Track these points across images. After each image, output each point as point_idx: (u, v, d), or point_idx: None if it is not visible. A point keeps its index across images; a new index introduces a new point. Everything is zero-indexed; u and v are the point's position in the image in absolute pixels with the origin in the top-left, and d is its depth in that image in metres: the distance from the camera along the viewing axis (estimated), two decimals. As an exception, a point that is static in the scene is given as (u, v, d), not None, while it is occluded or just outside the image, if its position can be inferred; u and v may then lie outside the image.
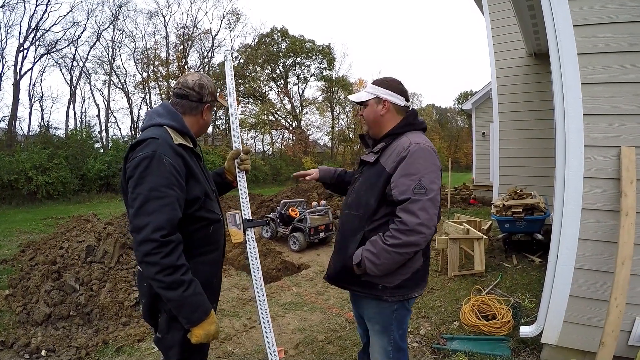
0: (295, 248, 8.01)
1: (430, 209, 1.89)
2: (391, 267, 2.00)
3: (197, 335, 1.79)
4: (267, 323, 2.24)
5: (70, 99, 24.43)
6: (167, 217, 1.71)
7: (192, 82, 2.04)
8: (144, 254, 1.67)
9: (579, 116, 2.87)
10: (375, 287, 2.11)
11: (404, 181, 1.94)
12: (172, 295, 1.70)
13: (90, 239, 5.51)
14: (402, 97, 2.19)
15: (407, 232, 1.89)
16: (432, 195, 1.91)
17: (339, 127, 36.90)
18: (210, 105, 2.13)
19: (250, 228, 2.29)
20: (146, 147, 1.79)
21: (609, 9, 2.79)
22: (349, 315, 4.56)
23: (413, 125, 2.16)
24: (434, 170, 1.96)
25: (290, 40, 31.68)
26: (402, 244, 1.90)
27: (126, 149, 1.90)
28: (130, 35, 26.75)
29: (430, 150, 2.02)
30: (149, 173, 1.73)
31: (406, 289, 2.11)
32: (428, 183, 1.92)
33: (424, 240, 1.91)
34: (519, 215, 5.95)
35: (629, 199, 2.73)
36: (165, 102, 2.07)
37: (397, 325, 2.19)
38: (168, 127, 1.93)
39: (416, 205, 1.89)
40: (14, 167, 15.11)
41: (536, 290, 4.80)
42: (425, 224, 1.88)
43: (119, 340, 3.93)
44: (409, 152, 1.98)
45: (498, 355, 3.41)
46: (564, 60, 2.89)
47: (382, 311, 2.17)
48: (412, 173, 1.94)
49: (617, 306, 2.72)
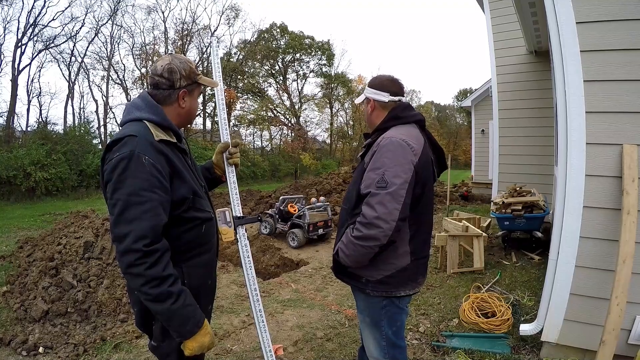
0: (294, 244, 8.00)
1: (388, 202, 1.86)
2: (360, 260, 2.01)
3: (190, 348, 1.71)
4: (262, 323, 2.20)
5: (68, 94, 24.30)
6: (149, 224, 1.57)
7: (160, 68, 1.83)
8: (127, 265, 1.55)
9: (581, 114, 2.85)
10: (359, 280, 2.13)
11: (369, 175, 1.96)
12: (159, 308, 1.60)
13: (88, 235, 5.48)
14: (385, 93, 2.18)
15: (366, 225, 1.90)
16: (392, 189, 1.87)
17: (337, 124, 36.93)
18: (187, 90, 1.90)
19: (242, 225, 2.22)
20: (123, 146, 1.63)
21: (612, 6, 2.76)
22: (348, 312, 4.55)
23: (399, 119, 2.14)
24: (400, 164, 1.92)
25: (289, 37, 31.57)
26: (363, 236, 1.91)
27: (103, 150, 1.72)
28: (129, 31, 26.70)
29: (402, 143, 1.96)
30: (127, 176, 1.58)
31: (389, 285, 2.09)
32: (390, 177, 1.89)
33: (383, 235, 1.87)
34: (519, 213, 5.94)
35: (630, 197, 2.72)
36: (144, 93, 1.88)
37: (388, 322, 2.17)
38: (148, 121, 1.77)
39: (375, 199, 1.88)
40: (12, 163, 15.06)
41: (536, 288, 4.80)
42: (383, 218, 1.86)
43: (116, 337, 3.91)
44: (378, 146, 1.99)
45: (498, 352, 3.40)
46: (567, 58, 2.87)
47: (370, 305, 2.18)
48: (378, 167, 1.94)
49: (618, 304, 2.71)
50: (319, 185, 12.33)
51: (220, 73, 2.29)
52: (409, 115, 2.16)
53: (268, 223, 8.83)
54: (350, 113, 37.29)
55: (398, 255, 2.06)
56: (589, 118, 2.85)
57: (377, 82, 2.23)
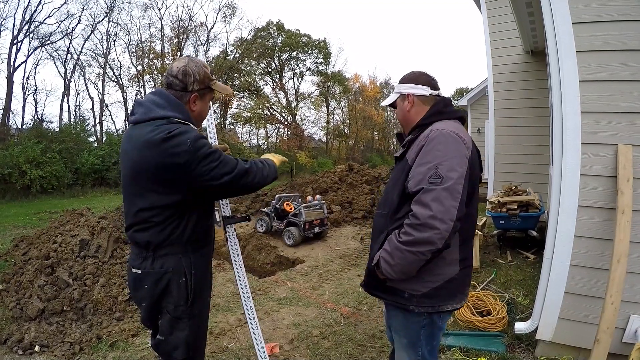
0: (289, 243, 8.00)
1: (446, 200, 1.65)
2: (408, 270, 1.77)
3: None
4: (254, 320, 2.23)
5: (64, 92, 24.21)
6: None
7: (176, 69, 1.88)
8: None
9: (576, 114, 2.87)
10: (401, 295, 1.89)
11: (419, 170, 1.75)
12: None
13: (84, 233, 5.47)
14: (426, 87, 2.01)
15: (418, 227, 1.67)
16: (449, 184, 1.66)
17: (334, 122, 36.88)
18: (198, 94, 1.94)
19: (231, 225, 2.27)
20: (186, 132, 1.75)
21: (608, 7, 2.77)
22: (343, 310, 4.56)
23: (442, 114, 1.96)
24: (455, 157, 1.72)
25: (286, 35, 31.50)
26: (414, 240, 1.68)
27: (156, 138, 1.74)
28: (125, 28, 26.57)
29: (453, 135, 1.78)
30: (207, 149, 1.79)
31: (436, 299, 1.85)
32: (445, 171, 1.68)
33: (439, 238, 1.65)
34: (514, 212, 5.97)
35: (625, 197, 2.74)
36: (160, 89, 1.92)
37: (426, 341, 1.97)
38: (174, 119, 1.81)
39: (429, 196, 1.67)
40: (8, 161, 14.95)
41: (530, 287, 4.82)
42: (439, 218, 1.64)
43: (113, 336, 3.91)
44: (427, 139, 1.80)
45: (493, 351, 3.41)
46: (563, 58, 2.88)
47: (409, 324, 1.96)
48: (429, 161, 1.73)
49: (613, 303, 2.73)
50: (315, 184, 12.31)
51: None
52: (452, 111, 2.00)
53: (264, 221, 8.82)
54: (346, 111, 37.28)
55: (446, 264, 1.85)
56: (584, 118, 2.87)
57: (413, 76, 2.07)
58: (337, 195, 11.32)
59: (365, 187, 11.64)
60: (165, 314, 1.89)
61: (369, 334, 3.99)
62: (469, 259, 1.96)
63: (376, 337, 3.93)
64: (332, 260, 6.93)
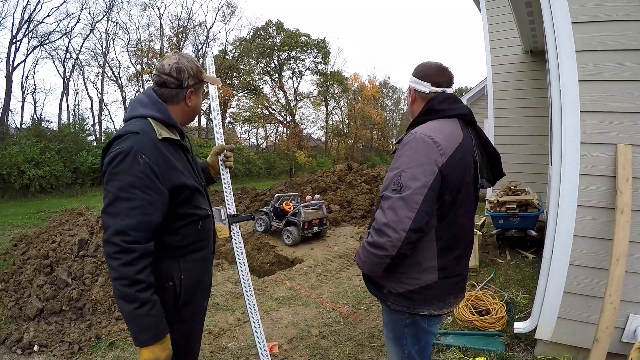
0: (289, 242, 7.99)
1: (400, 209, 1.62)
2: (373, 268, 1.79)
3: (144, 356, 1.62)
4: (256, 318, 2.22)
5: (63, 91, 24.12)
6: (133, 221, 1.57)
7: (168, 67, 1.81)
8: (105, 254, 1.57)
9: (576, 113, 2.86)
10: (381, 289, 1.91)
11: (388, 175, 1.74)
12: (123, 307, 1.57)
13: (83, 233, 5.47)
14: (427, 83, 1.89)
15: (376, 231, 1.69)
16: (406, 193, 1.62)
17: (333, 122, 36.93)
18: (193, 89, 1.91)
19: (236, 223, 2.25)
20: (124, 141, 1.63)
21: (608, 6, 2.77)
22: (342, 310, 4.56)
23: (436, 112, 1.84)
24: (420, 164, 1.65)
25: (285, 34, 31.53)
26: (373, 243, 1.70)
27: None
28: (124, 28, 26.51)
29: (426, 139, 1.69)
30: (120, 170, 1.59)
31: (412, 301, 1.83)
32: (406, 179, 1.64)
33: (390, 245, 1.63)
34: (513, 212, 5.97)
35: (624, 197, 2.74)
36: (149, 89, 1.87)
37: (412, 341, 1.94)
38: (152, 118, 1.76)
39: (386, 203, 1.67)
40: (6, 160, 14.93)
41: (530, 286, 4.82)
42: (391, 226, 1.62)
43: (111, 335, 3.91)
44: (402, 143, 1.76)
45: (492, 350, 3.41)
46: (562, 57, 2.88)
47: (393, 320, 1.97)
48: (397, 167, 1.70)
49: (612, 303, 2.73)
50: (314, 183, 12.32)
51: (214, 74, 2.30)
52: (448, 109, 1.85)
53: (263, 221, 8.82)
54: (345, 111, 37.30)
55: (422, 270, 1.80)
56: (583, 118, 2.87)
57: (420, 70, 1.94)
58: (336, 194, 11.33)
59: (364, 186, 11.65)
60: None
61: (368, 334, 3.99)
62: (455, 269, 1.88)
63: (375, 336, 3.93)
64: (331, 260, 6.93)
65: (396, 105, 44.98)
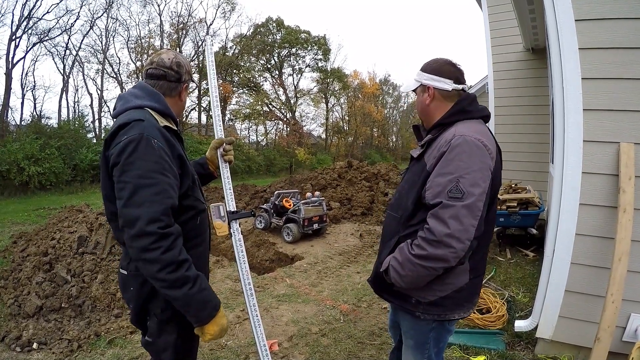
0: (289, 239, 8.00)
1: (465, 218, 1.56)
2: (417, 281, 1.72)
3: (211, 332, 1.65)
4: (256, 317, 2.19)
5: (63, 88, 24.11)
6: (161, 207, 1.52)
7: (168, 60, 1.84)
8: (140, 250, 1.49)
9: (578, 111, 2.85)
10: (408, 300, 1.83)
11: (439, 181, 1.63)
12: (176, 294, 1.54)
13: (82, 230, 5.45)
14: (449, 80, 1.83)
15: (433, 243, 1.59)
16: (470, 200, 1.56)
17: (333, 119, 36.93)
18: (187, 85, 1.95)
19: (236, 220, 2.20)
20: (131, 129, 1.59)
21: (612, 4, 2.76)
22: (343, 308, 4.55)
23: (466, 113, 1.80)
24: (479, 170, 1.60)
25: (285, 31, 31.46)
26: (427, 256, 1.61)
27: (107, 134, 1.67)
28: (124, 24, 26.48)
29: (478, 144, 1.64)
30: (136, 158, 1.54)
31: (443, 308, 1.79)
32: (468, 185, 1.57)
33: (454, 256, 1.58)
34: (514, 210, 5.96)
35: (627, 195, 2.73)
36: (142, 83, 1.86)
37: (434, 344, 1.91)
38: (150, 109, 1.75)
39: (447, 212, 1.57)
40: (6, 157, 14.91)
41: (530, 285, 4.82)
42: (456, 236, 1.55)
43: (111, 333, 3.90)
44: (449, 146, 1.66)
45: (493, 348, 3.41)
46: (565, 55, 2.86)
47: (417, 327, 1.91)
48: (450, 172, 1.61)
49: (613, 302, 2.72)
50: (314, 180, 12.32)
51: (215, 72, 2.27)
52: (477, 110, 1.83)
53: (263, 218, 8.82)
54: (345, 108, 37.28)
55: (456, 274, 1.76)
56: (586, 115, 2.85)
57: (437, 66, 1.88)
58: (336, 191, 11.33)
59: (364, 183, 11.65)
60: (152, 317, 1.82)
61: (369, 331, 3.98)
62: (480, 267, 1.86)
63: (375, 334, 3.93)
64: (332, 257, 6.92)
65: (396, 103, 45.04)
